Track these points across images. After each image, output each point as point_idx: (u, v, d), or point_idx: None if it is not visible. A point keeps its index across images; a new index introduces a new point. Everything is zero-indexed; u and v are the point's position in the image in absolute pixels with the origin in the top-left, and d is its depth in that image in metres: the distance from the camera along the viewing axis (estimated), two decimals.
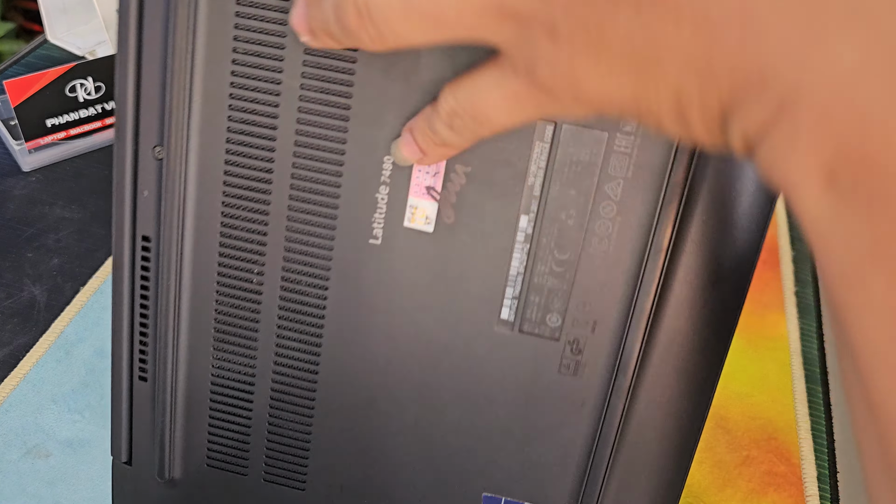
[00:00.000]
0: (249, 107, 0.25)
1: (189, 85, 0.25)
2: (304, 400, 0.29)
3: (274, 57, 0.24)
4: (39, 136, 0.53)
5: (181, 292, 0.28)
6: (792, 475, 0.41)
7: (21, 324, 0.44)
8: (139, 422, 0.31)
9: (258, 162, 0.26)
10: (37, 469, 0.38)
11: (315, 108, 0.25)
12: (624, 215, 0.24)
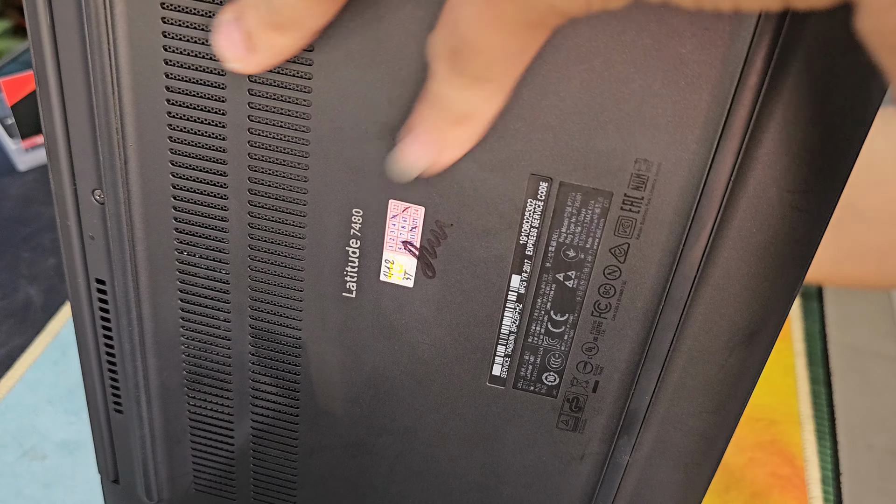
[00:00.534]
0: (191, 150, 0.22)
1: (120, 119, 0.22)
2: (286, 439, 0.28)
3: (214, 84, 0.21)
4: (36, 134, 0.52)
5: (144, 334, 0.26)
6: (796, 477, 0.41)
7: (17, 325, 0.44)
8: (122, 447, 0.30)
9: (209, 207, 0.23)
10: (32, 471, 0.37)
11: (268, 144, 0.22)
12: (631, 279, 0.22)
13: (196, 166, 0.22)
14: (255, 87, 0.21)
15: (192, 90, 0.21)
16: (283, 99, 0.21)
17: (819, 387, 0.45)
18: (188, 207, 0.23)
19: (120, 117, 0.22)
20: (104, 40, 0.21)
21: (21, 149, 0.52)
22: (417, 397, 0.26)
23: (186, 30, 0.20)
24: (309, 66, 0.20)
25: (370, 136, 0.21)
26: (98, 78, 0.21)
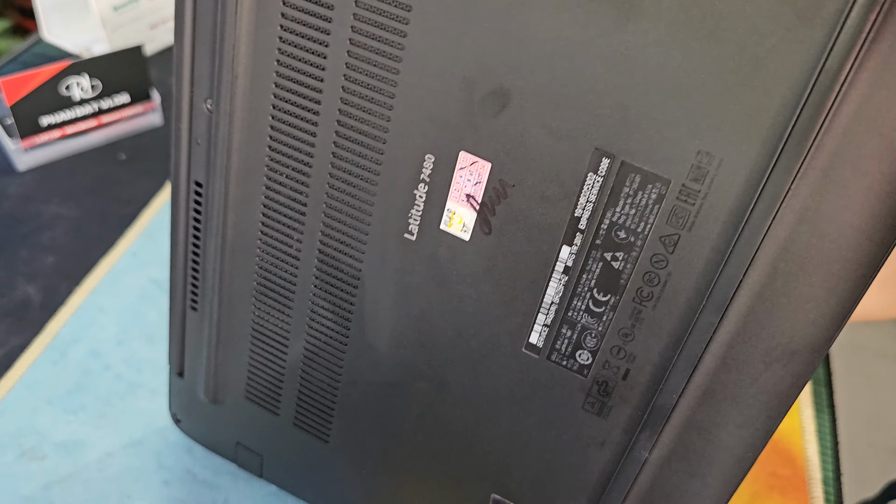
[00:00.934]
0: (293, 75, 0.25)
1: (236, 39, 0.25)
2: (333, 365, 0.30)
3: (323, 17, 0.24)
4: (34, 134, 0.52)
5: (226, 239, 0.29)
6: (796, 478, 0.40)
7: (15, 324, 0.44)
8: (191, 344, 0.33)
9: (300, 131, 0.26)
10: (31, 471, 0.37)
11: (360, 80, 0.24)
12: (677, 271, 0.22)
13: (295, 91, 0.25)
14: (357, 25, 0.23)
15: (303, 19, 0.24)
16: (380, 39, 0.23)
17: (820, 387, 0.45)
18: (283, 128, 0.26)
19: (237, 38, 0.25)
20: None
21: (20, 149, 0.52)
22: (456, 349, 0.27)
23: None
24: (408, 11, 0.22)
25: (451, 88, 0.23)
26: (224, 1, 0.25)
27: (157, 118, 0.57)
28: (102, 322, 0.44)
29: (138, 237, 0.49)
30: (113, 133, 0.56)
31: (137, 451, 0.38)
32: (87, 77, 0.52)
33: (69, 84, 0.52)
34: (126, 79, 0.54)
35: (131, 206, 0.51)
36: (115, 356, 0.42)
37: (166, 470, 0.38)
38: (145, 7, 0.62)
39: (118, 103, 0.55)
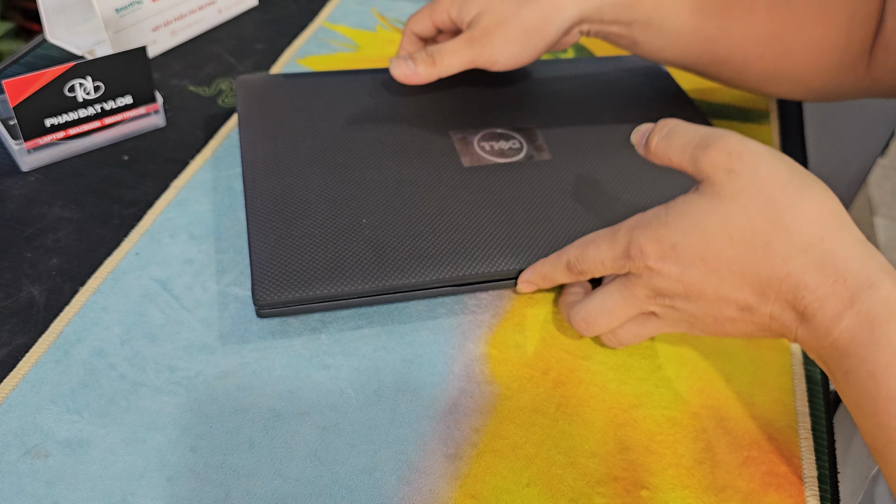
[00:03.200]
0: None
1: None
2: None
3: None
4: (38, 135, 0.53)
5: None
6: (793, 475, 0.41)
7: (20, 324, 0.44)
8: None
9: None
10: (35, 469, 0.38)
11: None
12: None
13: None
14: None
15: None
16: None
17: (815, 386, 0.45)
18: None
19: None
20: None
21: (24, 149, 0.53)
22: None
23: None
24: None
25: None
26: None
27: (160, 120, 0.58)
28: (106, 322, 0.44)
29: (141, 238, 0.49)
30: (116, 134, 0.56)
31: (141, 450, 0.39)
32: (90, 79, 0.53)
33: (73, 85, 0.52)
34: (129, 80, 0.54)
35: (134, 208, 0.52)
36: (118, 355, 0.43)
37: (170, 468, 0.38)
38: (148, 9, 0.63)
39: (121, 105, 0.55)
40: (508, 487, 0.39)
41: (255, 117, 0.54)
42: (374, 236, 0.46)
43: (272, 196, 0.48)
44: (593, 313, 0.43)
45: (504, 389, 0.43)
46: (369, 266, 0.44)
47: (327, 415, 0.41)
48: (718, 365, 0.46)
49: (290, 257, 0.44)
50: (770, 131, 0.64)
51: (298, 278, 0.43)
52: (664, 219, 0.39)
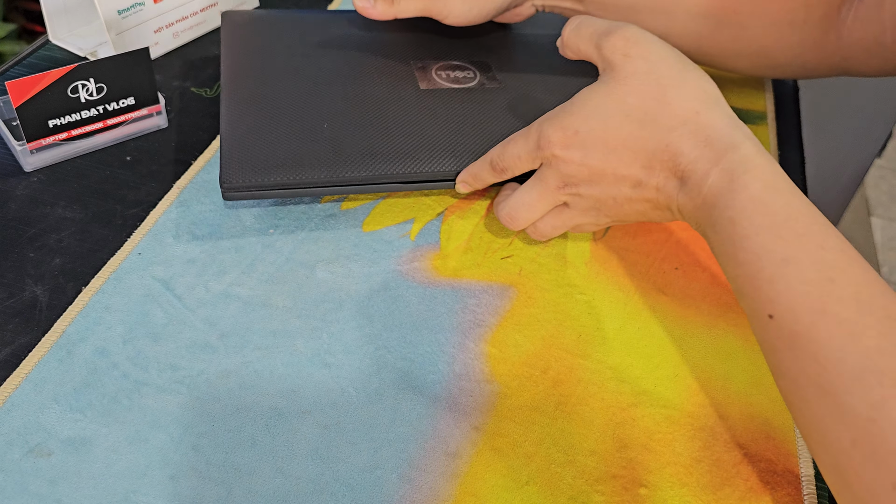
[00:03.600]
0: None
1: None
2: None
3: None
4: (41, 136, 0.53)
5: None
6: (790, 474, 0.41)
7: (23, 323, 0.44)
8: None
9: None
10: (39, 468, 0.38)
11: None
12: None
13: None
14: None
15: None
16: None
17: None
18: None
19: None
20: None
21: (27, 150, 0.53)
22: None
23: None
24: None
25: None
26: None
27: (162, 121, 0.58)
28: (109, 321, 0.45)
29: (144, 238, 0.50)
30: (118, 135, 0.57)
31: (143, 448, 0.39)
32: (93, 80, 0.53)
33: (76, 86, 0.53)
34: (132, 81, 0.55)
35: (137, 208, 0.52)
36: (121, 354, 0.43)
37: (172, 466, 0.38)
38: (150, 11, 0.63)
39: (124, 106, 0.56)
40: (508, 485, 0.39)
41: (236, 43, 0.60)
42: (333, 137, 0.52)
43: (244, 101, 0.54)
44: (515, 207, 0.47)
45: (503, 388, 0.43)
46: (326, 159, 0.50)
47: (328, 413, 0.41)
48: (716, 365, 0.46)
49: (255, 149, 0.50)
50: (767, 132, 0.64)
51: (261, 166, 0.49)
52: (568, 108, 0.45)
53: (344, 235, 0.51)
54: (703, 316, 0.49)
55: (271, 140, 0.50)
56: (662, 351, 0.46)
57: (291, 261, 0.49)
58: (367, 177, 0.50)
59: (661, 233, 0.54)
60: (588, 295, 0.49)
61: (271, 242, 0.50)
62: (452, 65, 0.61)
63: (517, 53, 0.63)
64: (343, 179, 0.50)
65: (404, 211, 0.54)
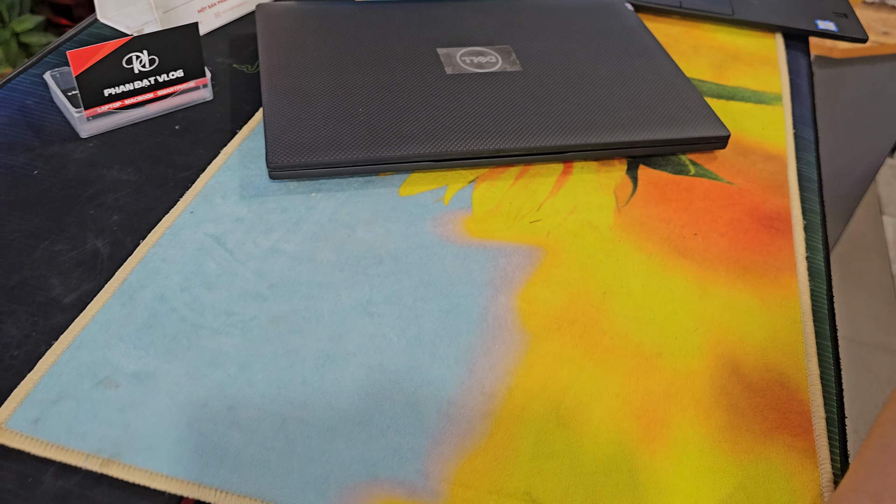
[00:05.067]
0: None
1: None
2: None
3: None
4: (97, 104, 0.56)
5: None
6: (802, 419, 0.44)
7: (86, 272, 0.48)
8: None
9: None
10: (108, 397, 0.41)
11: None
12: None
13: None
14: None
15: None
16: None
17: (825, 341, 0.48)
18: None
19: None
20: None
21: (84, 117, 0.56)
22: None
23: None
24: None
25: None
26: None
27: (208, 93, 0.62)
28: (166, 271, 0.48)
29: (195, 198, 0.53)
30: (168, 106, 0.60)
31: (203, 383, 0.42)
32: (146, 52, 0.56)
33: (130, 58, 0.56)
34: (181, 55, 0.58)
35: (187, 171, 0.55)
36: (178, 301, 0.46)
37: (229, 398, 0.42)
38: None
39: (173, 78, 0.59)
40: (539, 425, 0.42)
41: (271, 33, 0.65)
42: (368, 121, 0.56)
43: (284, 90, 0.59)
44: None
45: (534, 337, 0.46)
46: (363, 141, 0.55)
47: (372, 356, 0.44)
48: (733, 321, 0.49)
49: (297, 133, 0.55)
50: (782, 112, 0.67)
51: (304, 148, 0.54)
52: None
53: (382, 199, 0.54)
54: (722, 277, 0.52)
55: (311, 125, 0.56)
56: (683, 307, 0.49)
57: (334, 221, 0.52)
58: (401, 156, 0.55)
59: (681, 202, 0.57)
60: (612, 257, 0.52)
61: (314, 204, 0.54)
62: (476, 51, 0.65)
63: (536, 40, 0.68)
64: (378, 158, 0.55)
65: (438, 178, 0.57)
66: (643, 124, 0.59)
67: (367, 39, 0.65)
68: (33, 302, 0.46)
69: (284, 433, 0.40)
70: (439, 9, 0.71)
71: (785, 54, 0.76)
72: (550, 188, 0.57)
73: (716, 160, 0.61)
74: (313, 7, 0.69)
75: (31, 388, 0.41)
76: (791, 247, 0.54)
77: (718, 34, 0.79)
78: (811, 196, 0.59)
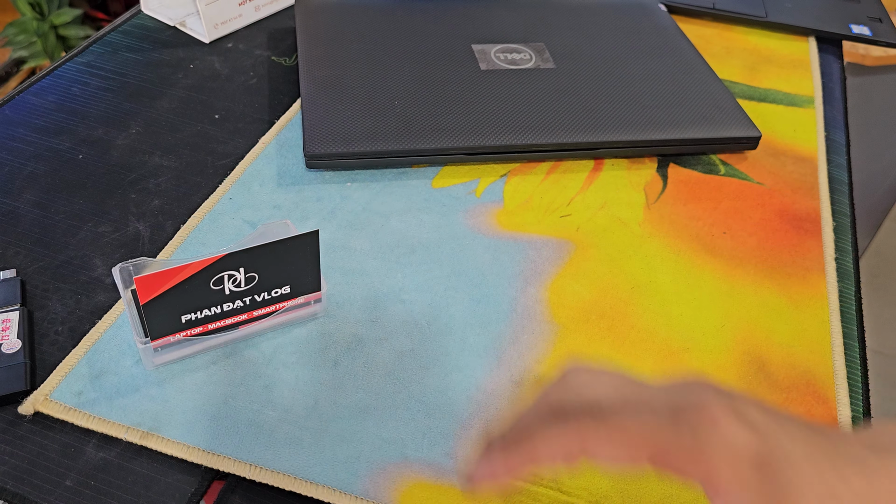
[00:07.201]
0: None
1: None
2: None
3: None
4: (170, 332, 0.43)
5: None
6: (828, 416, 0.44)
7: (128, 254, 0.49)
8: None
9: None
10: (147, 374, 0.43)
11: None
12: None
13: None
14: None
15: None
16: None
17: (852, 341, 0.49)
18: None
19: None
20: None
21: (149, 348, 0.55)
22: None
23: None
24: None
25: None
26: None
27: (320, 309, 0.61)
28: (205, 254, 0.49)
29: (233, 185, 0.54)
30: (264, 327, 0.44)
31: (238, 362, 0.43)
32: (242, 270, 0.41)
33: (221, 277, 0.41)
34: (291, 269, 0.43)
35: (226, 160, 0.57)
36: None
37: (265, 378, 0.43)
38: None
39: (276, 296, 0.44)
40: None
41: (310, 27, 0.66)
42: (403, 114, 0.58)
43: (322, 82, 0.60)
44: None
45: (562, 328, 0.47)
46: (398, 133, 0.56)
47: (403, 341, 0.45)
48: (760, 319, 0.49)
49: (334, 123, 0.56)
50: (814, 115, 0.67)
51: (340, 138, 0.55)
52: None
53: (415, 191, 0.55)
54: (750, 275, 0.52)
55: (348, 116, 0.57)
56: (711, 304, 0.50)
57: (368, 210, 0.54)
58: (434, 149, 0.56)
59: (711, 201, 0.57)
60: (641, 253, 0.53)
61: (349, 194, 0.55)
62: (510, 48, 0.66)
63: (570, 38, 0.69)
64: (413, 150, 0.56)
65: (470, 171, 0.58)
66: (674, 123, 0.60)
67: (404, 35, 0.67)
68: (77, 281, 0.47)
69: (317, 413, 0.42)
70: (474, 6, 0.72)
71: (818, 58, 0.76)
72: (581, 184, 0.58)
73: (746, 160, 0.62)
74: (351, 2, 0.71)
75: (75, 363, 0.43)
76: (820, 248, 0.55)
77: (751, 36, 0.79)
78: (841, 198, 0.59)
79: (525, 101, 0.60)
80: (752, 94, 0.70)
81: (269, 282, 0.42)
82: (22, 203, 0.52)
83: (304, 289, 0.44)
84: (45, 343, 0.44)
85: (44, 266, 0.48)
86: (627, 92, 0.63)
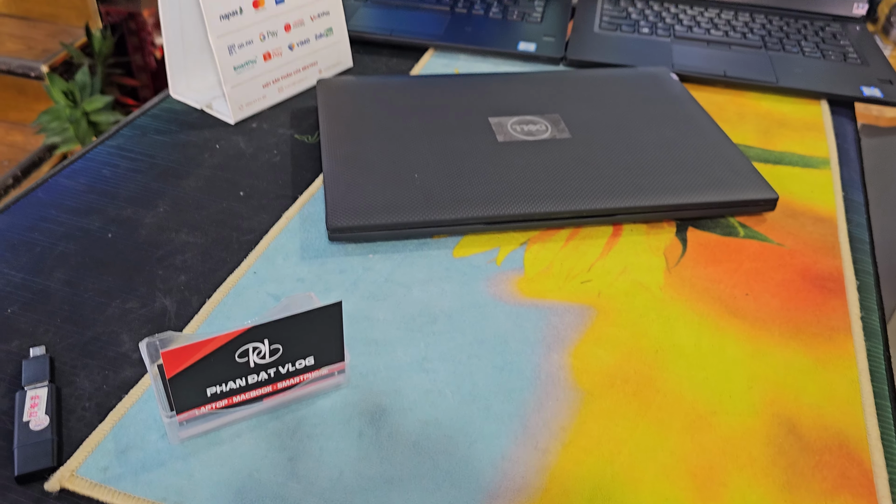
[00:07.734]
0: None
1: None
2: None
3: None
4: (195, 406, 0.44)
5: None
6: (864, 479, 0.43)
7: (155, 329, 0.50)
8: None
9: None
10: (173, 448, 0.43)
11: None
12: None
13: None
14: None
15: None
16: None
17: (884, 401, 0.48)
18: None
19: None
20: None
21: (175, 422, 0.56)
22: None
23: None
24: None
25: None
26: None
27: (344, 380, 0.63)
28: (230, 327, 0.50)
29: (258, 260, 0.55)
30: (288, 398, 0.51)
31: (263, 434, 0.44)
32: (267, 342, 0.42)
33: (246, 350, 0.42)
34: (315, 341, 0.44)
35: (251, 234, 0.58)
36: None
37: (289, 450, 0.43)
38: (261, 68, 0.71)
39: (300, 367, 0.45)
40: (594, 480, 0.42)
41: (331, 106, 0.69)
42: (424, 186, 0.59)
43: (343, 157, 0.62)
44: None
45: (587, 395, 0.47)
46: (418, 205, 0.57)
47: (427, 411, 0.45)
48: (789, 380, 0.49)
49: (356, 197, 0.58)
50: (830, 176, 0.68)
51: (363, 211, 0.57)
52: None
53: (436, 261, 0.56)
54: (775, 336, 0.51)
55: (370, 190, 0.58)
56: (736, 366, 0.49)
57: (390, 281, 0.54)
58: (455, 219, 0.57)
59: (731, 263, 0.57)
60: (664, 316, 0.53)
61: (371, 265, 0.55)
62: (526, 119, 0.68)
63: (584, 109, 0.71)
64: (433, 221, 0.57)
65: (490, 240, 0.59)
66: (691, 187, 0.60)
67: (422, 110, 0.69)
68: (104, 357, 0.48)
69: (342, 485, 0.41)
70: (491, 82, 0.74)
71: (831, 120, 0.77)
72: (601, 250, 0.58)
73: (765, 222, 0.62)
74: (371, 81, 0.73)
75: (101, 438, 0.43)
76: (845, 307, 0.54)
77: (763, 101, 0.80)
78: (863, 257, 0.59)
79: (542, 170, 0.61)
80: (768, 157, 0.70)
81: (294, 353, 0.43)
82: (53, 282, 0.53)
83: (327, 360, 0.45)
84: (72, 419, 0.44)
85: (73, 343, 0.49)
86: (643, 158, 0.64)
